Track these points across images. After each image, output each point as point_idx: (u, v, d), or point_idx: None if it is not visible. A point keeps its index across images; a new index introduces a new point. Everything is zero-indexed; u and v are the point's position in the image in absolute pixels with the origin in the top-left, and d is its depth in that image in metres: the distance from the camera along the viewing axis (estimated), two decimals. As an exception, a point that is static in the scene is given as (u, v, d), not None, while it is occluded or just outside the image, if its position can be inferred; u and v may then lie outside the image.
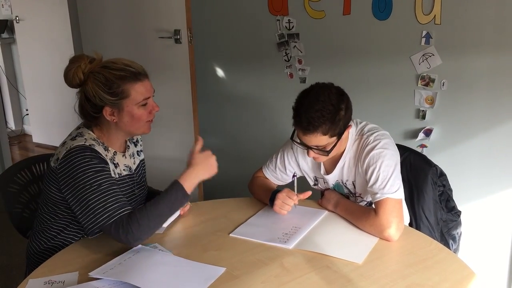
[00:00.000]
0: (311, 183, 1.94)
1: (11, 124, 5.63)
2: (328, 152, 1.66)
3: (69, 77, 1.58)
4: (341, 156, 1.77)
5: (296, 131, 1.69)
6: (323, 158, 1.72)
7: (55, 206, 1.64)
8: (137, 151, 1.84)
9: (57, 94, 4.46)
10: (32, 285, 1.37)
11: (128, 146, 1.77)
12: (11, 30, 5.26)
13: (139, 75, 1.60)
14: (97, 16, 3.37)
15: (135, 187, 1.75)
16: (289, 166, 1.89)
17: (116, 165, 1.66)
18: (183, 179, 1.55)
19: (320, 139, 1.62)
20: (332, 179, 1.83)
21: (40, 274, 1.42)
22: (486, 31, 2.19)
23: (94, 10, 3.38)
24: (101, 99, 1.57)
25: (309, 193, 1.72)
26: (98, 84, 1.56)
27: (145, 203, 1.53)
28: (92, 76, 1.57)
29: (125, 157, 1.73)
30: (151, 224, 1.49)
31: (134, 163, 1.78)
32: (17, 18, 4.82)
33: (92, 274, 1.37)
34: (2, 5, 5.23)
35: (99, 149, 1.58)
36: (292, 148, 1.87)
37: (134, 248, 1.51)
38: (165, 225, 1.66)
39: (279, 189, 1.76)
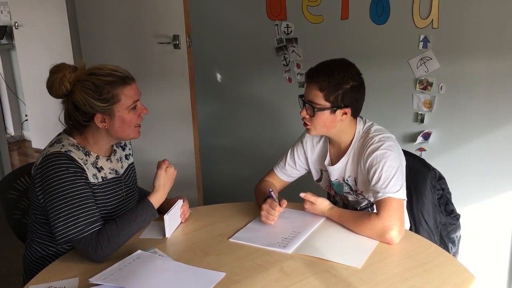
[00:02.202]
0: (316, 177, 1.96)
1: (11, 130, 5.64)
2: (314, 111, 1.69)
3: (55, 88, 1.56)
4: (346, 151, 1.80)
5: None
6: (311, 128, 1.75)
7: (42, 215, 1.62)
8: (126, 155, 1.83)
9: (56, 100, 4.46)
10: (32, 291, 1.37)
11: (115, 150, 1.77)
12: (10, 36, 5.27)
13: (127, 79, 1.60)
14: (96, 22, 3.37)
15: (123, 190, 1.74)
16: (298, 160, 1.93)
17: (99, 169, 1.65)
18: (153, 199, 1.62)
19: (315, 94, 1.69)
20: (334, 172, 1.84)
21: (40, 280, 1.42)
22: (484, 35, 2.20)
23: (93, 16, 3.38)
24: (91, 107, 1.56)
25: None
26: (87, 92, 1.55)
27: (115, 219, 1.55)
28: (79, 84, 1.56)
29: (111, 161, 1.72)
30: (120, 241, 1.53)
31: (122, 167, 1.78)
32: (16, 24, 4.83)
33: (93, 280, 1.37)
34: (1, 11, 5.25)
35: (78, 155, 1.57)
36: (302, 142, 1.93)
37: (134, 253, 1.51)
38: (167, 235, 1.67)
39: (271, 195, 1.76)
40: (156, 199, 1.63)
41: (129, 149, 1.87)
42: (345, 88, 1.68)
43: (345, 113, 1.72)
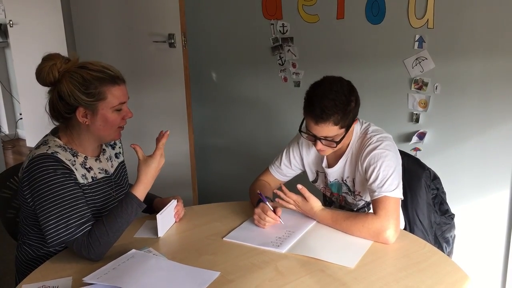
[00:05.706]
0: (311, 178, 1.96)
1: (5, 129, 5.62)
2: (337, 143, 1.68)
3: (43, 74, 1.55)
4: (344, 152, 1.80)
5: (305, 122, 1.71)
6: (328, 151, 1.74)
7: (31, 218, 1.61)
8: (116, 153, 1.82)
9: (51, 98, 4.45)
10: (25, 290, 1.36)
11: (104, 149, 1.76)
12: (5, 34, 5.25)
13: (117, 79, 1.58)
14: (91, 20, 3.36)
15: (113, 189, 1.73)
16: (293, 160, 1.93)
17: (88, 169, 1.64)
18: (135, 190, 1.56)
19: (331, 129, 1.65)
20: (332, 174, 1.84)
21: (33, 280, 1.42)
22: (479, 35, 2.21)
23: (88, 14, 3.37)
24: (75, 99, 1.54)
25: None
26: (74, 84, 1.53)
27: (102, 218, 1.52)
28: (68, 75, 1.54)
29: (100, 161, 1.71)
30: (111, 240, 1.51)
31: (112, 166, 1.76)
32: (11, 22, 4.81)
33: (86, 279, 1.36)
34: (-4, 9, 5.23)
35: (65, 156, 1.56)
36: (297, 143, 1.92)
37: (129, 253, 1.51)
38: (160, 234, 1.66)
39: (265, 197, 1.74)
40: (139, 189, 1.56)
41: (119, 147, 1.85)
42: (352, 107, 1.67)
43: (355, 122, 1.74)
